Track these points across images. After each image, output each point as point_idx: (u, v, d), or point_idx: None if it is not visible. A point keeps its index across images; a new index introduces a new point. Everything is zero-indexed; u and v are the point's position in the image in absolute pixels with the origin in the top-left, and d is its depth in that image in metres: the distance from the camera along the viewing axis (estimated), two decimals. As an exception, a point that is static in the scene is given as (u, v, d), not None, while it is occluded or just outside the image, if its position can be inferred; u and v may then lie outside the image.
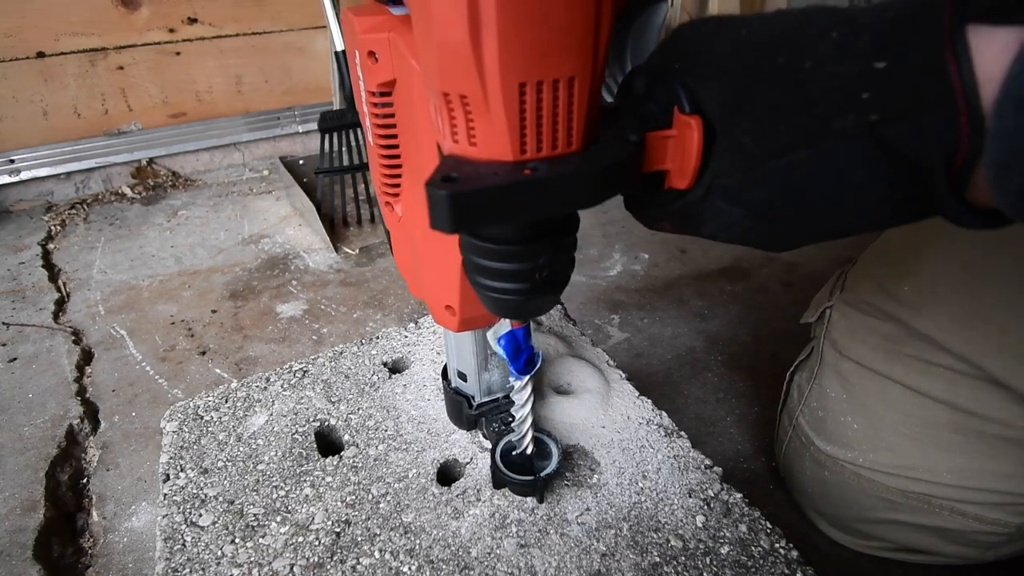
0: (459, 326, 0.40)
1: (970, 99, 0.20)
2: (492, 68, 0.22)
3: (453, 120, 0.25)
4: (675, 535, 0.44)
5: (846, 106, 0.22)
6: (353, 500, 0.47)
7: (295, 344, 0.90)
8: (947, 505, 0.51)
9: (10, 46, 1.21)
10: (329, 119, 1.20)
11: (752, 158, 0.25)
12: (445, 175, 0.24)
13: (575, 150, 0.26)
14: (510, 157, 0.25)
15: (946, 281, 0.49)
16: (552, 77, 0.23)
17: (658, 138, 0.27)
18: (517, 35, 0.21)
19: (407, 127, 0.35)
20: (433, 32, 0.22)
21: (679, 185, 0.28)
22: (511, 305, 0.31)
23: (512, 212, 0.25)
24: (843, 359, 0.56)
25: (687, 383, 0.83)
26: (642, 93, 0.28)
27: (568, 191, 0.25)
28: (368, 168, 1.12)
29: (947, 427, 0.50)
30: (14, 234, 1.21)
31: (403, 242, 0.42)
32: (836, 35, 0.23)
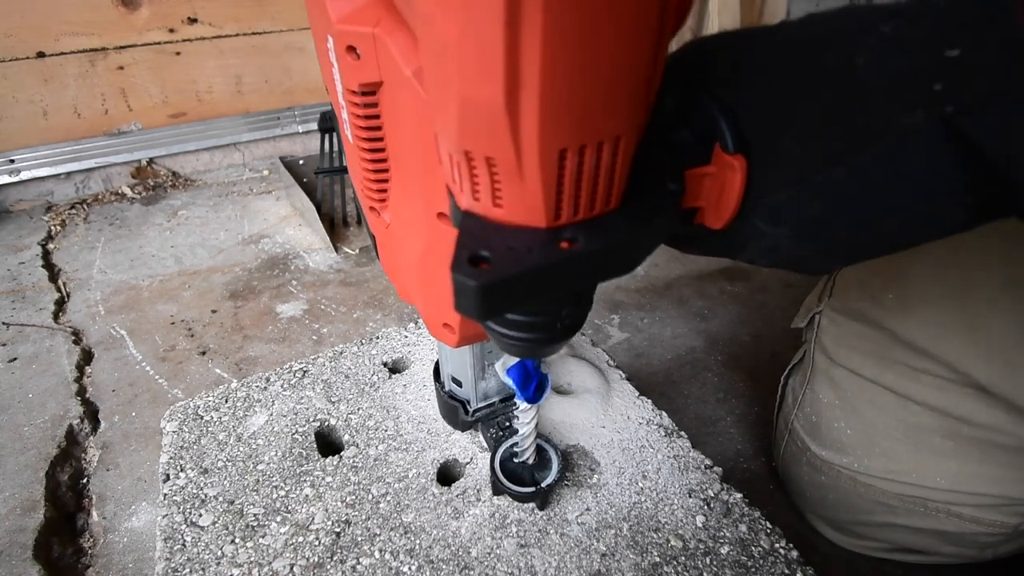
0: (458, 343, 0.37)
1: None
2: (530, 133, 0.18)
3: (475, 180, 0.21)
4: (675, 535, 0.44)
5: (914, 101, 0.20)
6: (353, 500, 0.47)
7: (295, 344, 0.90)
8: (943, 508, 0.51)
9: (10, 46, 1.21)
10: (329, 119, 1.20)
11: (803, 169, 0.23)
12: (472, 254, 0.21)
13: (613, 208, 0.22)
14: (543, 224, 0.21)
15: (931, 289, 0.48)
16: (597, 140, 0.19)
17: (694, 175, 0.24)
18: (564, 97, 0.17)
19: (397, 133, 0.29)
20: (456, 84, 0.18)
21: (714, 225, 0.26)
22: (527, 350, 0.28)
23: (549, 290, 0.22)
24: (834, 365, 0.56)
25: (687, 383, 0.83)
26: (671, 114, 0.25)
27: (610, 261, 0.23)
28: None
29: (938, 432, 0.50)
30: (14, 234, 1.21)
31: (391, 248, 0.37)
32: (888, 28, 0.21)
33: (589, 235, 0.21)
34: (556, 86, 0.17)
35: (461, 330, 0.36)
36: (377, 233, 0.37)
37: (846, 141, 0.21)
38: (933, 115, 0.20)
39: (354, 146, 0.32)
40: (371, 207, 0.35)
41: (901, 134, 0.21)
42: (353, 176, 0.37)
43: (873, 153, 0.21)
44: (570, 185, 0.20)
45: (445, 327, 0.36)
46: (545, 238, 0.21)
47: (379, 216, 0.35)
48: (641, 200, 0.23)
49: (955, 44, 0.20)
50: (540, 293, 0.22)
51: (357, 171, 0.34)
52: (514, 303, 0.22)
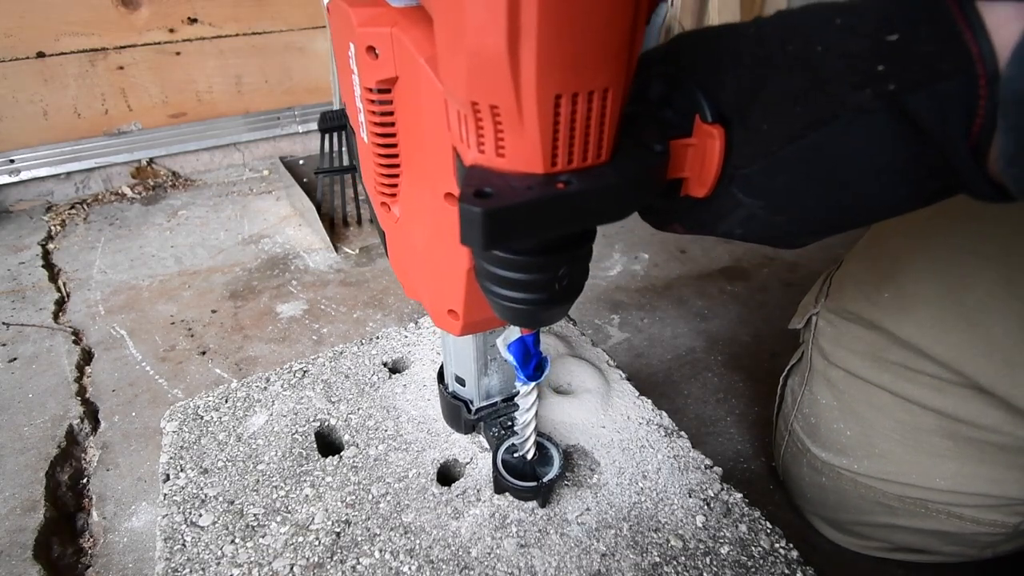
0: (462, 330, 0.39)
1: (987, 62, 0.21)
2: (529, 79, 0.21)
3: (480, 130, 0.24)
4: (675, 535, 0.44)
5: (862, 81, 0.23)
6: (353, 500, 0.47)
7: (295, 344, 0.90)
8: (943, 509, 0.51)
9: (10, 46, 1.21)
10: (329, 119, 1.20)
11: (771, 143, 0.25)
12: (477, 190, 0.23)
13: (604, 161, 0.25)
14: (541, 169, 0.24)
15: (927, 288, 0.48)
16: (588, 89, 0.22)
17: (678, 146, 0.27)
18: (557, 45, 0.21)
19: (408, 125, 0.33)
20: (466, 39, 0.21)
21: (697, 193, 0.28)
22: (528, 314, 0.30)
23: (545, 227, 0.25)
24: (831, 367, 0.56)
25: (687, 383, 0.83)
26: (658, 98, 0.28)
27: (600, 204, 0.25)
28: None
29: (936, 433, 0.50)
30: (14, 234, 1.21)
31: (400, 244, 0.40)
32: (841, 20, 0.24)
33: (582, 180, 0.24)
34: (551, 37, 0.20)
35: (465, 316, 0.37)
36: (387, 229, 0.40)
37: (805, 119, 0.24)
38: (878, 93, 0.22)
39: (368, 145, 0.35)
40: (382, 202, 0.38)
41: (851, 110, 0.23)
42: (365, 177, 0.40)
43: (828, 129, 0.24)
44: (565, 132, 0.23)
45: (450, 314, 0.38)
46: (543, 180, 0.24)
47: (389, 211, 0.38)
48: (630, 157, 0.26)
49: (895, 29, 0.22)
50: (537, 227, 0.24)
51: (370, 169, 0.37)
52: (515, 234, 0.24)
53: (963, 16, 0.21)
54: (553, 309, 0.30)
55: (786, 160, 0.25)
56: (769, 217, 0.27)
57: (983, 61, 0.21)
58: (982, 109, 0.21)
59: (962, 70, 0.21)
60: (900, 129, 0.23)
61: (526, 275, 0.28)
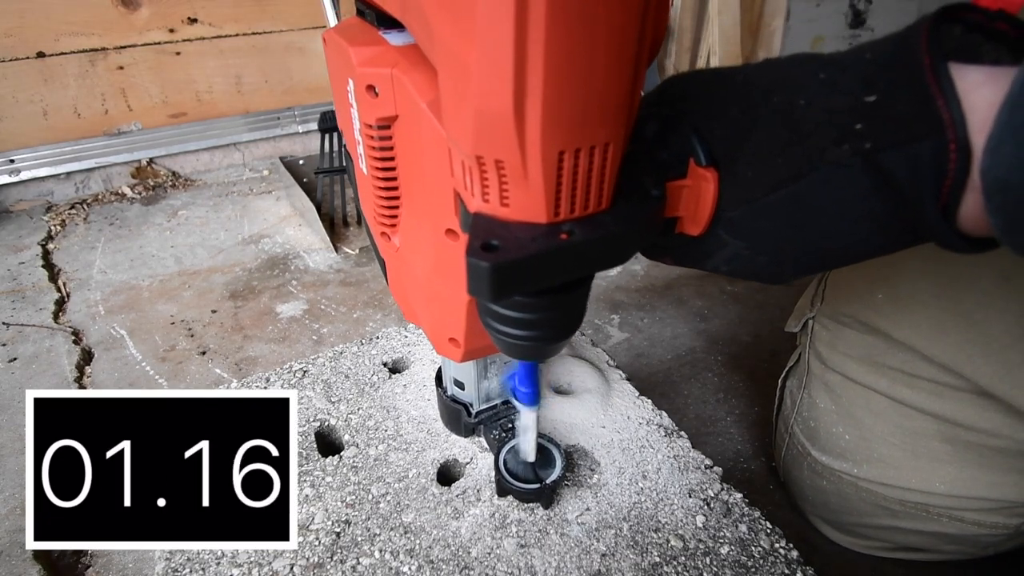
0: (463, 358, 0.40)
1: (957, 128, 0.22)
2: (534, 137, 0.22)
3: (485, 181, 0.25)
4: (675, 535, 0.44)
5: (840, 137, 0.24)
6: (353, 500, 0.47)
7: (295, 344, 0.90)
8: (944, 512, 0.51)
9: (10, 46, 1.21)
10: (329, 119, 1.20)
11: (754, 190, 0.26)
12: (485, 243, 0.24)
13: (604, 208, 0.26)
14: (544, 220, 0.25)
15: (922, 288, 0.48)
16: (590, 144, 0.23)
17: (674, 187, 0.28)
18: (561, 106, 0.21)
19: (408, 161, 0.34)
20: (472, 99, 0.22)
21: (692, 232, 0.29)
22: (528, 349, 0.31)
23: (549, 276, 0.25)
24: (829, 371, 0.56)
25: (687, 383, 0.83)
26: (654, 139, 0.29)
27: (601, 252, 0.26)
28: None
29: (935, 437, 0.50)
30: (14, 234, 1.21)
31: (400, 272, 0.40)
32: (824, 75, 0.25)
33: (584, 229, 0.25)
34: (555, 99, 0.21)
35: (466, 344, 0.38)
36: (387, 257, 0.41)
37: (787, 170, 0.25)
38: (856, 150, 0.24)
39: (368, 177, 0.36)
40: (382, 232, 0.39)
41: (831, 165, 0.24)
42: (365, 206, 0.40)
43: (808, 180, 0.25)
44: (567, 184, 0.24)
45: (451, 342, 0.39)
46: (546, 231, 0.25)
47: (389, 240, 0.39)
48: (629, 203, 0.27)
49: (873, 91, 0.24)
50: (542, 277, 0.25)
51: (369, 200, 0.38)
52: (521, 285, 0.25)
53: (936, 82, 0.22)
54: (553, 344, 0.31)
55: (769, 206, 0.26)
56: (753, 257, 0.28)
57: (954, 127, 0.22)
58: (951, 172, 0.22)
59: (934, 134, 0.22)
60: (876, 184, 0.24)
61: (527, 314, 0.29)
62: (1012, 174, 0.20)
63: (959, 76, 0.22)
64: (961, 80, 0.22)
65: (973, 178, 0.22)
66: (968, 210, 0.23)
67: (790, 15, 1.80)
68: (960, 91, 0.22)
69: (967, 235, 0.24)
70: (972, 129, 0.22)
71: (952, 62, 0.23)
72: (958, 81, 0.22)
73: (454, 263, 0.33)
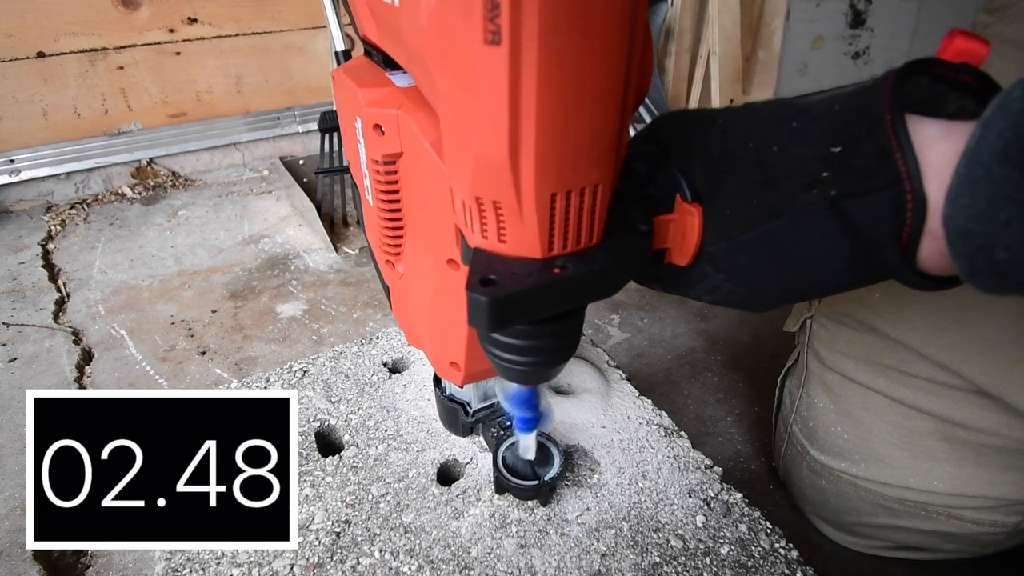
0: (464, 381, 0.42)
1: (914, 181, 0.24)
2: (528, 181, 0.24)
3: (484, 219, 0.27)
4: (675, 535, 0.44)
5: (810, 183, 0.26)
6: (353, 500, 0.47)
7: (295, 344, 0.90)
8: (943, 511, 0.51)
9: (10, 46, 1.21)
10: (329, 119, 1.20)
11: (732, 228, 0.28)
12: (483, 277, 0.26)
13: (595, 243, 0.28)
14: (539, 255, 0.27)
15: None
16: (580, 186, 0.25)
17: (661, 221, 0.30)
18: (553, 153, 0.23)
19: (412, 194, 0.35)
20: (471, 146, 0.24)
21: (679, 262, 0.31)
22: (527, 374, 0.32)
23: (544, 309, 0.27)
24: (827, 370, 0.56)
25: (687, 383, 0.83)
26: (642, 175, 0.31)
27: (593, 285, 0.28)
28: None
29: (933, 436, 0.50)
30: (14, 234, 1.21)
31: (404, 298, 0.42)
32: (796, 124, 0.27)
33: (576, 263, 0.27)
34: (547, 147, 0.23)
35: (466, 368, 0.40)
36: (391, 284, 0.43)
37: (761, 212, 0.27)
38: (823, 196, 0.26)
39: (374, 207, 0.38)
40: (387, 260, 0.40)
41: (801, 208, 0.26)
42: (370, 236, 0.42)
43: (781, 222, 0.27)
44: (560, 223, 0.26)
45: (452, 365, 0.41)
46: (541, 266, 0.27)
47: (394, 268, 0.41)
48: (618, 239, 0.28)
49: (839, 143, 0.26)
50: (537, 309, 0.27)
51: (375, 229, 0.39)
52: (517, 317, 0.27)
53: (895, 136, 0.24)
54: (549, 369, 0.33)
55: (746, 243, 0.28)
56: (734, 289, 0.30)
57: (910, 180, 0.24)
58: (909, 220, 0.24)
59: (893, 186, 0.24)
60: (842, 227, 0.26)
61: (524, 341, 0.30)
62: (971, 224, 0.22)
63: (917, 130, 0.24)
64: (918, 134, 0.24)
65: (930, 225, 0.24)
66: (927, 252, 0.25)
67: (790, 15, 1.80)
68: (917, 145, 0.24)
69: (929, 274, 0.26)
70: (927, 180, 0.24)
71: (913, 114, 0.25)
72: (916, 135, 0.24)
73: (455, 291, 0.34)
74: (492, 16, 0.20)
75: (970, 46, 0.26)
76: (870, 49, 2.05)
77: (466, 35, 0.21)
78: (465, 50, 0.21)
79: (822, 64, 1.97)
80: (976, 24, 0.51)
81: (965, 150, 0.22)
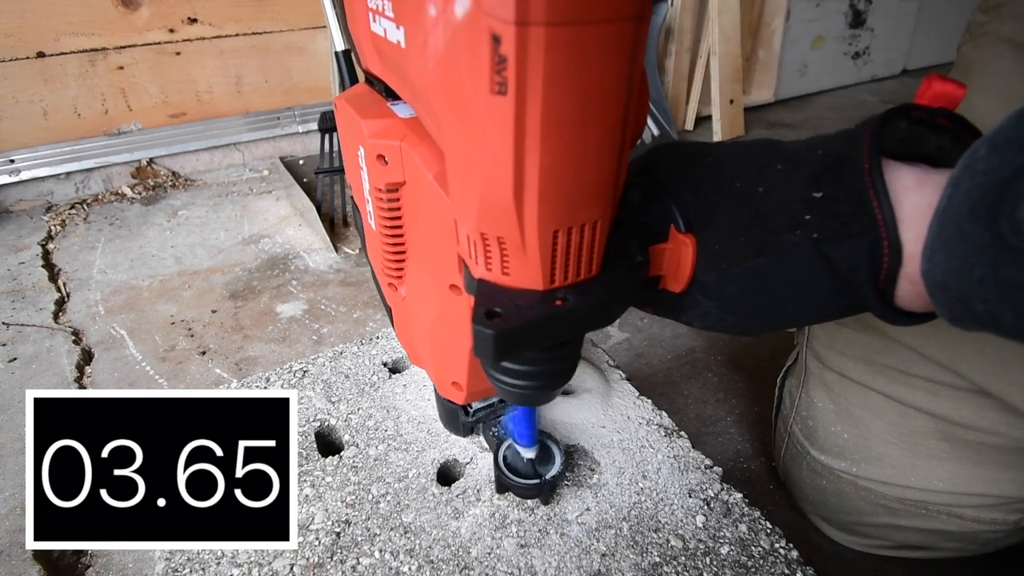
0: (466, 400, 0.43)
1: (890, 229, 0.25)
2: (531, 220, 0.25)
3: (488, 254, 0.28)
4: (675, 535, 0.44)
5: (793, 224, 0.28)
6: (353, 500, 0.47)
7: (295, 344, 0.90)
8: (943, 510, 0.51)
9: (10, 46, 1.21)
10: (329, 119, 1.20)
11: (720, 261, 0.30)
12: (488, 310, 0.27)
13: (594, 275, 0.29)
14: (541, 287, 0.28)
15: None
16: (580, 223, 0.26)
17: (657, 250, 0.32)
18: (555, 194, 0.24)
19: (414, 221, 0.36)
20: (477, 186, 0.25)
21: (674, 289, 0.33)
22: (527, 397, 0.34)
23: (546, 339, 0.29)
24: (826, 370, 0.56)
25: (687, 383, 0.83)
26: (637, 205, 0.32)
27: (592, 315, 0.29)
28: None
29: (932, 435, 0.50)
30: (14, 234, 1.21)
31: (406, 319, 0.43)
32: (781, 167, 0.29)
33: (577, 295, 0.28)
34: (549, 189, 0.24)
35: (468, 387, 0.41)
36: (394, 305, 0.44)
37: (748, 248, 0.29)
38: (806, 237, 0.27)
39: (376, 232, 0.38)
40: (389, 283, 0.41)
41: (786, 247, 0.28)
42: (373, 258, 0.43)
43: (767, 259, 0.28)
44: (561, 257, 0.27)
45: (453, 385, 0.42)
46: (543, 297, 0.28)
47: (396, 291, 0.41)
48: (616, 269, 0.30)
49: (820, 188, 0.27)
50: (540, 340, 0.28)
51: (377, 254, 0.40)
52: (520, 348, 0.28)
53: (872, 185, 0.25)
54: (550, 390, 0.34)
55: (734, 276, 0.30)
56: (723, 316, 0.32)
57: (886, 227, 0.25)
58: (886, 265, 0.25)
59: (869, 232, 0.25)
60: (824, 267, 0.27)
61: (525, 367, 0.32)
62: (948, 278, 0.23)
63: (894, 179, 0.26)
64: (895, 183, 0.25)
65: (906, 269, 0.25)
66: (905, 292, 0.26)
67: (790, 15, 1.80)
68: (893, 194, 0.25)
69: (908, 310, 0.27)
70: (903, 228, 0.25)
71: (890, 161, 0.26)
72: (892, 184, 0.25)
73: (457, 315, 0.35)
74: (499, 68, 0.21)
75: (947, 89, 0.27)
76: (870, 49, 2.05)
77: (473, 85, 0.22)
78: (472, 98, 0.22)
79: (822, 64, 1.98)
80: (971, 23, 0.51)
81: (937, 208, 0.23)
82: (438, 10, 0.23)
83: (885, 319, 0.27)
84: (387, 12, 0.29)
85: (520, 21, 0.19)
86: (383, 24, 0.30)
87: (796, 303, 0.29)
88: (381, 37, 0.31)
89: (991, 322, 0.23)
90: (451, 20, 0.22)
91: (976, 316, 0.23)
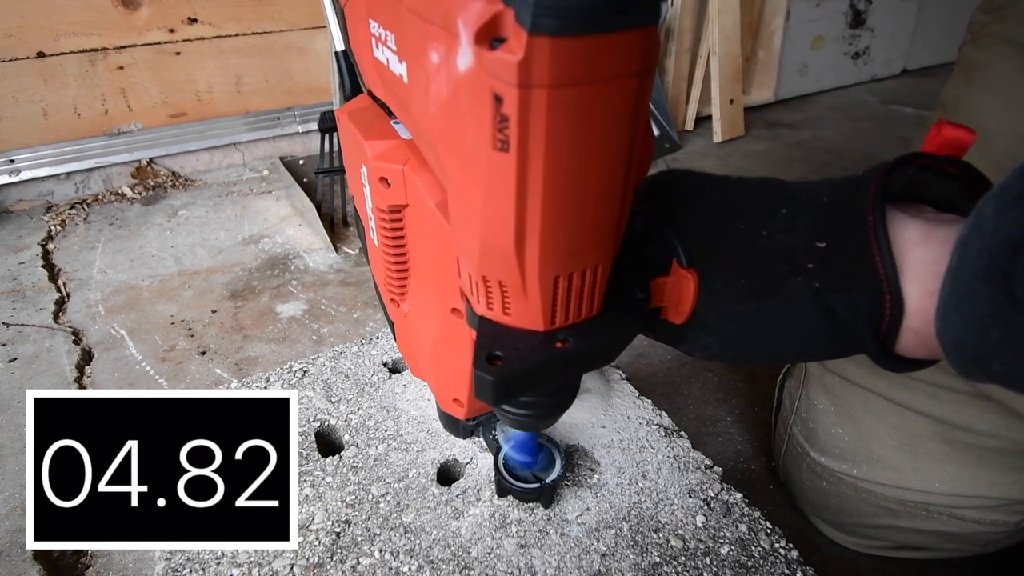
0: (466, 416, 0.43)
1: (892, 285, 0.25)
2: (532, 267, 0.25)
3: (489, 294, 0.28)
4: (675, 535, 0.44)
5: (795, 270, 0.28)
6: (353, 500, 0.47)
7: (295, 344, 0.90)
8: (944, 511, 0.51)
9: (10, 46, 1.21)
10: (329, 119, 1.20)
11: (722, 300, 0.30)
12: (489, 354, 0.27)
13: (595, 315, 0.29)
14: (542, 328, 0.28)
15: None
16: (582, 268, 0.26)
17: (658, 283, 0.32)
18: (556, 242, 0.24)
19: (417, 241, 0.36)
20: (478, 232, 0.25)
21: (675, 320, 0.33)
22: (529, 424, 0.34)
23: (546, 380, 0.29)
24: (827, 372, 0.56)
25: (687, 383, 0.83)
26: (639, 235, 0.32)
27: (593, 355, 0.29)
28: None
29: (933, 438, 0.50)
30: (14, 234, 1.21)
31: (408, 334, 0.43)
32: (785, 211, 0.29)
33: (577, 336, 0.28)
34: (550, 237, 0.24)
35: (469, 404, 0.41)
36: (396, 320, 0.44)
37: (749, 290, 0.29)
38: (808, 285, 0.27)
39: (379, 249, 0.38)
40: (392, 299, 0.41)
41: (788, 293, 0.28)
42: (376, 274, 0.43)
43: (768, 302, 0.28)
44: (562, 300, 0.27)
45: (455, 401, 0.42)
46: (544, 339, 0.28)
47: (399, 307, 0.42)
48: (616, 307, 0.30)
49: (824, 238, 0.27)
50: (540, 384, 0.29)
51: (380, 270, 0.40)
52: (520, 391, 0.28)
53: (876, 239, 0.25)
54: (550, 419, 0.35)
55: (734, 314, 0.30)
56: (722, 351, 0.32)
57: (888, 282, 0.25)
58: (887, 318, 0.25)
59: (871, 286, 0.25)
60: (824, 314, 0.27)
61: (534, 398, 0.32)
62: (963, 338, 0.23)
63: (898, 232, 0.25)
64: (898, 237, 0.25)
65: (909, 322, 0.25)
66: (907, 342, 0.26)
67: (790, 15, 1.80)
68: (897, 249, 0.25)
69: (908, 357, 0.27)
70: (907, 282, 0.25)
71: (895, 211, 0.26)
72: (896, 237, 0.25)
73: (459, 337, 0.35)
74: (501, 127, 0.20)
75: (956, 135, 0.27)
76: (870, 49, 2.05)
77: (475, 139, 0.22)
78: (473, 151, 0.22)
79: (822, 64, 1.97)
80: (973, 23, 0.51)
81: (948, 268, 0.23)
82: (440, 59, 0.22)
83: (885, 367, 0.27)
84: (390, 43, 0.29)
85: (523, 83, 0.19)
86: (386, 54, 0.30)
87: (795, 344, 0.30)
88: (384, 65, 0.30)
89: (1007, 381, 0.23)
90: (453, 72, 0.22)
91: (991, 374, 0.23)
